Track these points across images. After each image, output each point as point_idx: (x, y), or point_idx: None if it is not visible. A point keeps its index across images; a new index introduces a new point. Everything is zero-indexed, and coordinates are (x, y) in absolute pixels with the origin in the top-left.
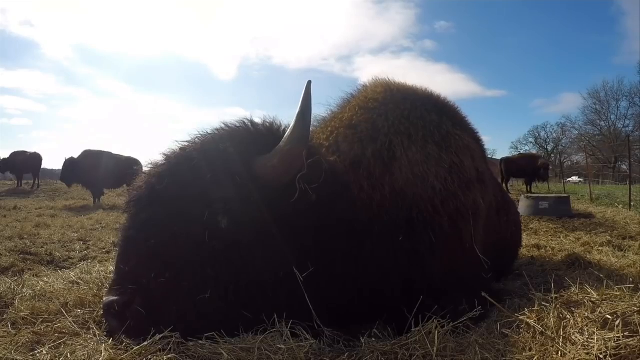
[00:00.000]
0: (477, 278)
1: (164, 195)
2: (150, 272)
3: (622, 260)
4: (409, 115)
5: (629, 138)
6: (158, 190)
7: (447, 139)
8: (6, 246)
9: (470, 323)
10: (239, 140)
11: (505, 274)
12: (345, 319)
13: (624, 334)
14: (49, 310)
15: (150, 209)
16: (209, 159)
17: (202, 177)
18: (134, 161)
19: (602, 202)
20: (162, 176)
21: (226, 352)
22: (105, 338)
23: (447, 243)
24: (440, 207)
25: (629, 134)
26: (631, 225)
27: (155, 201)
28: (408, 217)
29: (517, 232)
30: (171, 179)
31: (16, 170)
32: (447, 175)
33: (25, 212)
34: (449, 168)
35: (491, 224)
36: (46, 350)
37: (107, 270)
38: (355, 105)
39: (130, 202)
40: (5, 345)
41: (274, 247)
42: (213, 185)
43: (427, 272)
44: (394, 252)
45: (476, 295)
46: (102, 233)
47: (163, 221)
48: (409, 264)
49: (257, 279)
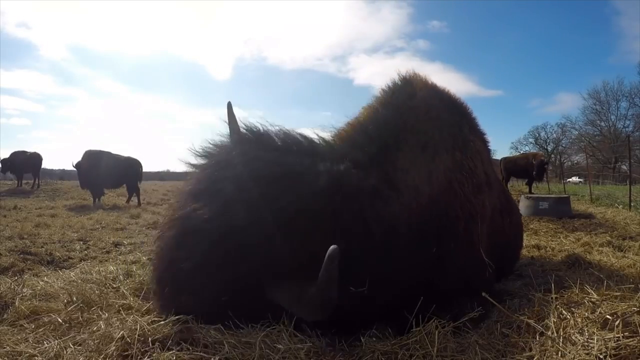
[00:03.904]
0: (481, 280)
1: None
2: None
3: (622, 260)
4: (443, 127)
5: (629, 138)
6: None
7: (466, 145)
8: (6, 246)
9: (470, 324)
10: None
11: (505, 275)
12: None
13: (624, 334)
14: (52, 308)
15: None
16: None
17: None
18: (133, 161)
19: (602, 202)
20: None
21: (227, 345)
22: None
23: (462, 248)
24: (460, 212)
25: (629, 135)
26: (631, 225)
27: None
28: (438, 223)
29: (519, 233)
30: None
31: (16, 170)
32: (465, 180)
33: (25, 212)
34: (466, 174)
35: (495, 226)
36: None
37: (107, 270)
38: (404, 109)
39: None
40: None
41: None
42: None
43: (442, 276)
44: (423, 259)
45: (478, 297)
46: (102, 233)
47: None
48: (432, 269)
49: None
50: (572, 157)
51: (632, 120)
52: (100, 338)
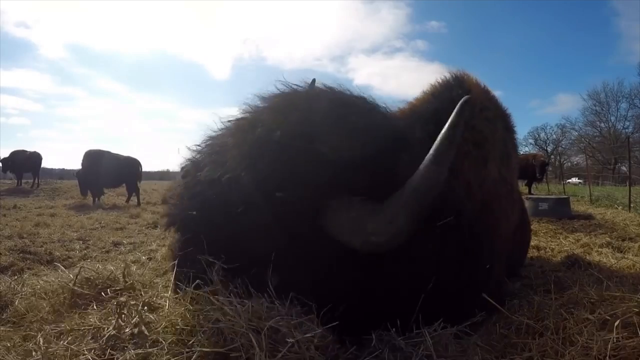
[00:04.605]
0: (495, 291)
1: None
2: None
3: (621, 261)
4: (500, 138)
5: (628, 139)
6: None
7: (509, 160)
8: (6, 245)
9: (471, 327)
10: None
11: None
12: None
13: (623, 334)
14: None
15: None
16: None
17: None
18: (132, 161)
19: (602, 203)
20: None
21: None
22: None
23: (491, 258)
24: (497, 224)
25: (629, 136)
26: (631, 226)
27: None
28: (483, 229)
29: (528, 242)
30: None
31: (16, 170)
32: (507, 195)
33: (25, 211)
34: (509, 190)
35: (512, 239)
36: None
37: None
38: (477, 113)
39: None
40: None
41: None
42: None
43: (459, 278)
44: (462, 258)
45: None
46: (102, 232)
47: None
48: (465, 271)
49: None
50: (571, 158)
51: (632, 121)
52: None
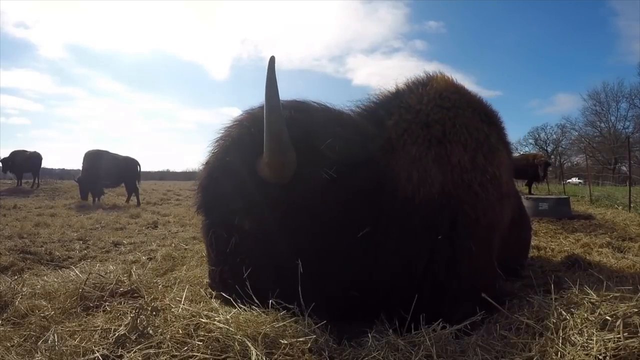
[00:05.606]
0: (490, 287)
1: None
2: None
3: (621, 261)
4: (468, 125)
5: (628, 139)
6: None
7: (492, 152)
8: (6, 245)
9: (470, 327)
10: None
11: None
12: (348, 312)
13: (624, 334)
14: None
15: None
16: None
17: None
18: (131, 161)
19: (602, 203)
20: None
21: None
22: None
23: (479, 253)
24: (482, 217)
25: (629, 136)
26: (631, 226)
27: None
28: (452, 219)
29: (527, 242)
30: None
31: (16, 170)
32: (490, 186)
33: (25, 211)
34: (491, 180)
35: (509, 235)
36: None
37: (106, 269)
38: (432, 100)
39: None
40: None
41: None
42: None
43: (454, 279)
44: (429, 251)
45: (482, 301)
46: (102, 232)
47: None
48: (445, 267)
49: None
50: (571, 158)
51: (632, 121)
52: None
